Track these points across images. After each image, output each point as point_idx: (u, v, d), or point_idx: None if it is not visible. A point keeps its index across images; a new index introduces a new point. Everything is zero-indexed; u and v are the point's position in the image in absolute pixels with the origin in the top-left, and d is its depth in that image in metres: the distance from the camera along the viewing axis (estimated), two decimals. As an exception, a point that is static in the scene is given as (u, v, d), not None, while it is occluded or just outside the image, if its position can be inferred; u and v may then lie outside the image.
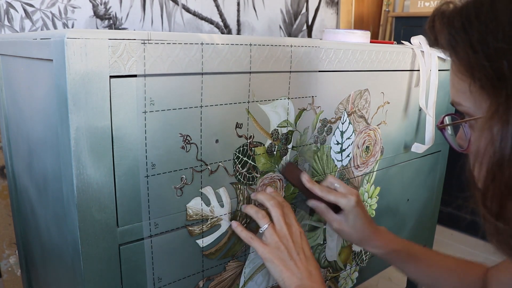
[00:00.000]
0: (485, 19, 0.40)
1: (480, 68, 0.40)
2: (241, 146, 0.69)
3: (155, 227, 0.62)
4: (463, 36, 0.42)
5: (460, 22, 0.42)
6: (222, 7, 1.56)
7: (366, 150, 0.94)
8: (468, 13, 0.42)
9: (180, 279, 0.68)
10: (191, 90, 0.60)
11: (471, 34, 0.41)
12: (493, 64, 0.39)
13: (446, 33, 0.44)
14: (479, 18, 0.41)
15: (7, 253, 1.18)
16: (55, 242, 0.68)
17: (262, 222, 0.68)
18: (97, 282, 0.58)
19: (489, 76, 0.40)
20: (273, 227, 0.68)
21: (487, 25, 0.40)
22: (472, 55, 0.41)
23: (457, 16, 0.43)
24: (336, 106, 0.83)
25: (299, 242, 0.68)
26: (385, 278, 1.57)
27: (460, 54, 0.42)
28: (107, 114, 0.53)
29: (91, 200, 0.54)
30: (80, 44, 0.49)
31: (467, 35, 0.41)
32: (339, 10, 2.02)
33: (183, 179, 0.63)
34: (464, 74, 0.43)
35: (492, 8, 0.40)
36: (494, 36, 0.39)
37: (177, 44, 0.57)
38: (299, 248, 0.67)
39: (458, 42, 0.42)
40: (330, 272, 0.95)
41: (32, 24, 1.15)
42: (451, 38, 0.43)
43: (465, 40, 0.41)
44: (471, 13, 0.41)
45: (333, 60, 0.79)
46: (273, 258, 0.65)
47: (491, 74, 0.40)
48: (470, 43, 0.41)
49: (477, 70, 0.41)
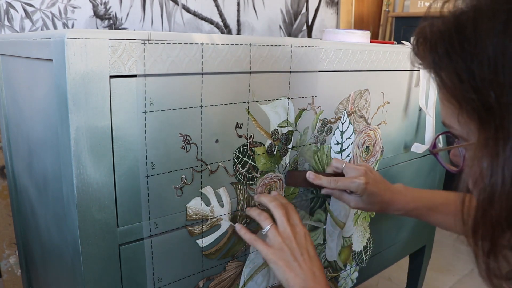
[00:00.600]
0: (469, 46, 0.37)
1: (466, 99, 0.38)
2: (241, 146, 0.69)
3: (155, 227, 0.62)
4: (447, 63, 0.39)
5: (443, 48, 0.40)
6: (222, 7, 1.56)
7: (366, 150, 0.94)
8: (451, 38, 0.39)
9: (180, 279, 0.68)
10: (191, 90, 0.60)
11: (456, 61, 0.38)
12: (480, 96, 0.37)
13: (430, 59, 0.42)
14: (462, 45, 0.38)
15: (7, 253, 1.18)
16: (55, 242, 0.68)
17: (265, 223, 0.68)
18: (97, 282, 0.58)
19: (477, 108, 0.38)
20: (276, 228, 0.68)
21: (471, 53, 0.37)
22: (458, 84, 0.39)
23: (440, 41, 0.40)
24: (336, 106, 0.83)
25: (303, 242, 0.68)
26: (385, 278, 1.57)
27: (446, 82, 0.40)
28: (107, 114, 0.53)
29: (91, 200, 0.54)
30: (80, 44, 0.49)
31: (451, 62, 0.39)
32: (339, 10, 2.02)
33: (183, 179, 0.63)
34: (451, 102, 0.41)
35: (476, 33, 0.37)
36: (480, 65, 0.37)
37: (177, 44, 0.57)
38: (303, 249, 0.67)
39: (443, 69, 0.40)
40: (330, 272, 0.95)
41: (32, 24, 1.15)
42: (436, 65, 0.41)
43: (450, 68, 0.39)
44: (454, 39, 0.39)
45: (333, 60, 0.79)
46: (277, 260, 0.65)
47: (479, 106, 0.37)
48: (455, 71, 0.39)
49: (464, 101, 0.39)
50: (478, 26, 0.37)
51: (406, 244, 1.18)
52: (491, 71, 0.36)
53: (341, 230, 0.94)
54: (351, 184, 0.76)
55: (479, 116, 0.38)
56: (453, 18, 0.40)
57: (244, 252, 0.76)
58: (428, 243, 1.28)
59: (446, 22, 0.40)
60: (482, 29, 0.37)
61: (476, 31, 0.37)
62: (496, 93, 0.36)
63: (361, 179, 0.76)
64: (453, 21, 0.39)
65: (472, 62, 0.37)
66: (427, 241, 1.27)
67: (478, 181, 0.38)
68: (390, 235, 1.11)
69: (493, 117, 0.37)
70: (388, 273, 1.57)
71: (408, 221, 1.15)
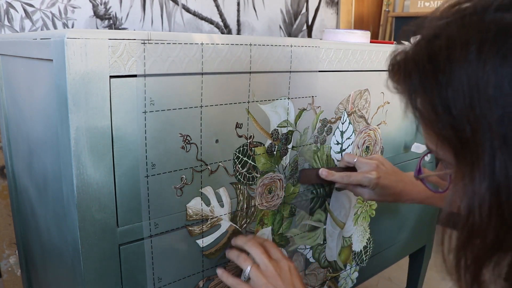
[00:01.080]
0: (442, 77, 0.36)
1: (442, 133, 0.37)
2: (241, 146, 0.69)
3: (155, 227, 0.62)
4: (422, 94, 0.38)
5: (417, 78, 0.38)
6: (222, 7, 1.56)
7: (366, 150, 0.94)
8: (424, 68, 0.38)
9: (180, 279, 0.68)
10: (191, 90, 0.60)
11: (430, 92, 0.37)
12: (455, 132, 0.36)
13: (406, 88, 0.40)
14: (436, 76, 0.37)
15: (7, 253, 1.18)
16: (55, 242, 0.68)
17: (245, 265, 0.66)
18: (97, 282, 0.58)
19: (452, 143, 0.37)
20: (258, 268, 0.65)
21: (445, 83, 0.36)
22: (433, 116, 0.37)
23: (414, 71, 0.39)
24: (336, 106, 0.83)
25: (289, 278, 0.64)
26: (385, 278, 1.57)
27: (422, 111, 0.39)
28: (107, 114, 0.53)
29: (91, 200, 0.54)
30: (80, 44, 0.49)
31: (426, 93, 0.38)
32: (339, 10, 2.02)
33: (183, 179, 0.63)
34: (429, 133, 0.40)
35: (449, 63, 0.36)
36: (454, 97, 0.35)
37: (177, 44, 0.57)
38: (289, 285, 0.64)
39: (418, 98, 0.39)
40: (330, 272, 0.95)
41: (32, 24, 1.15)
42: (411, 95, 0.40)
43: (425, 98, 0.38)
44: (427, 69, 0.37)
45: (333, 60, 0.78)
46: None
47: (455, 142, 0.36)
48: (431, 102, 0.37)
49: (440, 134, 0.38)
50: (451, 56, 0.36)
51: (406, 244, 1.18)
52: (466, 104, 0.35)
53: (341, 230, 0.94)
54: (363, 179, 0.78)
55: (455, 151, 0.37)
56: (426, 46, 0.39)
57: (244, 252, 0.76)
58: (428, 243, 1.28)
59: (418, 50, 0.39)
60: (455, 59, 0.35)
61: (448, 61, 0.36)
62: (472, 128, 0.35)
63: (373, 174, 0.77)
64: (426, 49, 0.38)
65: (447, 93, 0.36)
66: (427, 241, 1.27)
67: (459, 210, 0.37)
68: (390, 235, 1.11)
69: (469, 153, 0.36)
70: (388, 273, 1.57)
71: (408, 221, 1.15)
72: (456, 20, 0.37)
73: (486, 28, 0.34)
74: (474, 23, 0.35)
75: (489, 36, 0.34)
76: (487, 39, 0.34)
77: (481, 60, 0.34)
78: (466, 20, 0.36)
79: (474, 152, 0.35)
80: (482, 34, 0.34)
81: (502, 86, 0.33)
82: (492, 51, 0.34)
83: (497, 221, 0.35)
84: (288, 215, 0.81)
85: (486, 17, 0.35)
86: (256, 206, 0.74)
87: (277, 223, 0.79)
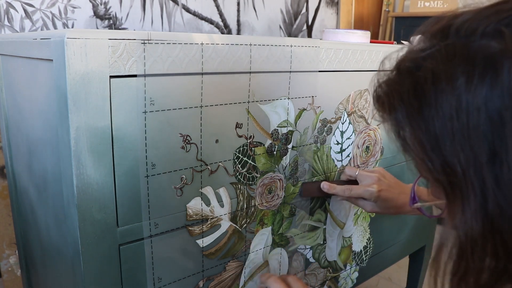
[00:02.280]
0: (429, 113, 0.34)
1: (432, 174, 0.35)
2: (241, 146, 0.69)
3: (155, 227, 0.62)
4: (409, 130, 0.36)
5: (403, 112, 0.36)
6: (222, 7, 1.56)
7: (366, 150, 0.94)
8: (410, 102, 0.36)
9: (180, 279, 0.68)
10: (191, 90, 0.60)
11: (418, 129, 0.35)
12: (446, 173, 0.34)
13: (392, 122, 0.38)
14: (422, 111, 0.34)
15: (7, 253, 1.18)
16: (55, 242, 0.68)
17: None
18: (97, 282, 0.58)
19: (443, 183, 0.35)
20: None
21: (432, 121, 0.34)
22: (422, 154, 0.35)
23: (399, 105, 0.37)
24: (336, 106, 0.83)
25: None
26: (385, 278, 1.57)
27: (411, 147, 0.37)
28: (107, 114, 0.53)
29: (91, 200, 0.54)
30: (80, 44, 0.49)
31: (413, 129, 0.36)
32: (339, 10, 2.02)
33: (183, 179, 0.63)
34: (419, 169, 0.38)
35: (436, 97, 0.33)
36: (443, 134, 0.33)
37: (177, 44, 0.57)
38: None
39: (406, 134, 0.37)
40: (330, 272, 0.95)
41: (32, 24, 1.15)
42: (398, 131, 0.38)
43: (413, 134, 0.36)
44: (413, 104, 0.35)
45: (333, 60, 0.79)
46: None
47: (445, 182, 0.35)
48: (419, 140, 0.35)
49: (430, 173, 0.36)
50: (437, 89, 0.34)
51: (406, 244, 1.18)
52: (456, 141, 0.33)
53: (341, 230, 0.94)
54: (365, 192, 0.78)
55: (446, 191, 0.36)
56: (410, 80, 0.36)
57: (244, 252, 0.76)
58: (428, 243, 1.28)
59: (402, 83, 0.37)
60: (441, 92, 0.33)
61: (435, 95, 0.34)
62: (463, 169, 0.33)
63: (374, 187, 0.77)
64: (410, 83, 0.36)
65: (435, 129, 0.34)
66: (427, 241, 1.27)
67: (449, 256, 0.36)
68: (390, 235, 1.11)
69: (460, 193, 0.34)
70: (388, 273, 1.57)
71: (408, 221, 1.15)
72: (440, 50, 0.35)
73: (473, 58, 0.32)
74: (459, 54, 0.33)
75: (477, 67, 0.32)
76: (474, 71, 0.32)
77: (470, 93, 0.32)
78: (450, 50, 0.34)
79: (465, 193, 0.34)
80: (469, 65, 0.32)
81: (493, 119, 0.31)
82: (481, 82, 0.32)
83: (491, 262, 0.34)
84: (288, 215, 0.81)
85: (472, 45, 0.33)
86: (256, 206, 0.74)
87: (277, 223, 0.79)
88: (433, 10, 1.98)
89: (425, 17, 0.38)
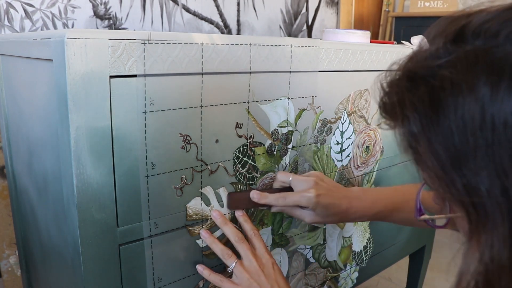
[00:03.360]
0: (448, 127, 0.31)
1: (451, 191, 0.32)
2: (241, 146, 0.69)
3: (155, 227, 0.62)
4: (423, 142, 0.33)
5: (418, 124, 0.33)
6: (222, 7, 1.56)
7: (366, 150, 0.94)
8: (426, 114, 0.32)
9: (180, 279, 0.68)
10: (191, 90, 0.60)
11: (434, 143, 0.32)
12: (466, 189, 0.31)
13: (404, 132, 0.35)
14: (440, 124, 0.31)
15: (7, 253, 1.18)
16: (55, 242, 0.68)
17: (229, 261, 0.65)
18: (97, 282, 0.58)
19: (463, 204, 0.32)
20: (242, 264, 0.65)
21: (452, 135, 0.30)
22: (439, 171, 0.32)
23: (413, 116, 0.33)
24: (336, 106, 0.83)
25: (272, 274, 0.64)
26: (385, 278, 1.57)
27: (426, 162, 0.34)
28: (107, 114, 0.53)
29: (91, 200, 0.54)
30: (80, 44, 0.49)
31: (429, 142, 0.32)
32: (339, 10, 2.02)
33: (183, 179, 0.63)
34: (433, 185, 0.34)
35: (456, 109, 0.30)
36: (463, 152, 0.30)
37: (177, 44, 0.57)
38: (273, 281, 0.64)
39: (419, 147, 0.33)
40: (330, 272, 0.95)
41: (32, 24, 1.15)
42: (411, 143, 0.34)
43: (429, 149, 0.32)
44: (428, 114, 0.32)
45: (333, 60, 0.79)
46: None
47: (465, 200, 0.31)
48: (436, 155, 0.32)
49: (447, 191, 0.33)
50: (457, 101, 0.30)
51: (406, 244, 1.18)
52: (478, 159, 0.29)
53: (341, 230, 0.94)
54: (301, 198, 0.68)
55: (467, 212, 0.32)
56: (425, 89, 0.33)
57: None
58: (428, 243, 1.28)
59: (416, 91, 0.33)
60: (463, 104, 0.30)
61: (454, 107, 0.31)
62: (486, 186, 0.29)
63: (311, 192, 0.68)
64: (426, 92, 0.33)
65: (454, 143, 0.30)
66: (427, 241, 1.27)
67: None
68: (390, 235, 1.11)
69: (484, 214, 0.31)
70: (388, 273, 1.57)
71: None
72: (459, 57, 0.31)
73: (498, 66, 0.29)
74: (482, 61, 0.30)
75: (504, 76, 0.29)
76: (500, 80, 0.29)
77: (495, 104, 0.29)
78: (471, 57, 0.31)
79: (491, 215, 0.30)
80: (494, 74, 0.29)
81: None
82: (508, 93, 0.29)
83: None
84: (288, 215, 0.81)
85: (495, 51, 0.30)
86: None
87: (277, 223, 0.79)
88: (433, 10, 1.98)
89: (425, 17, 0.36)
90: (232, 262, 0.65)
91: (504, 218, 0.30)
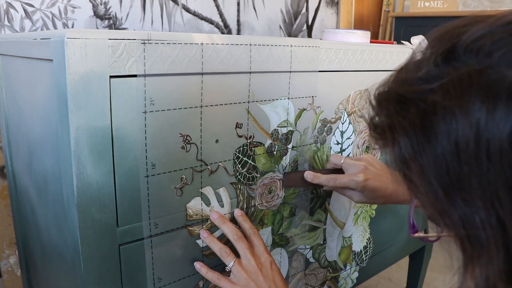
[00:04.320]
0: (441, 153, 0.29)
1: (444, 221, 0.31)
2: (241, 146, 0.69)
3: (155, 227, 0.62)
4: (415, 168, 0.31)
5: (409, 149, 0.31)
6: (222, 7, 1.56)
7: (366, 150, 0.94)
8: (417, 140, 0.31)
9: (180, 279, 0.68)
10: (191, 90, 0.60)
11: (426, 169, 0.30)
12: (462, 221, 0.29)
13: (394, 157, 0.34)
14: (432, 150, 0.30)
15: (7, 253, 1.18)
16: (55, 242, 0.68)
17: (228, 259, 0.65)
18: (97, 282, 0.58)
19: (456, 234, 0.30)
20: (240, 263, 0.65)
21: (445, 163, 0.29)
22: (433, 199, 0.31)
23: (404, 140, 0.32)
24: (336, 106, 0.83)
25: (270, 274, 0.65)
26: (385, 278, 1.57)
27: (419, 189, 0.32)
28: (107, 114, 0.53)
29: (91, 200, 0.54)
30: (80, 44, 0.49)
31: (421, 168, 0.31)
32: (339, 10, 2.02)
33: (183, 179, 0.63)
34: (427, 209, 0.33)
35: (449, 133, 0.29)
36: (458, 180, 0.29)
37: (177, 44, 0.57)
38: (270, 281, 0.64)
39: (411, 170, 0.32)
40: (330, 272, 0.95)
41: (32, 24, 1.15)
42: (403, 169, 0.33)
43: (419, 173, 0.31)
44: (419, 139, 0.30)
45: (333, 60, 0.79)
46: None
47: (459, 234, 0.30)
48: (428, 183, 0.30)
49: (441, 220, 0.31)
50: (450, 128, 0.29)
51: (406, 244, 1.18)
52: (474, 188, 0.28)
53: (341, 230, 0.94)
54: (350, 182, 0.73)
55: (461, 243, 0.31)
56: (416, 113, 0.31)
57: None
58: (428, 243, 1.28)
59: (406, 112, 0.32)
60: (456, 130, 0.29)
61: (448, 134, 0.29)
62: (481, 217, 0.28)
63: (359, 177, 0.72)
64: (417, 117, 0.31)
65: (448, 171, 0.29)
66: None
67: None
68: (390, 235, 1.11)
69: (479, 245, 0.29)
70: (388, 273, 1.57)
71: (408, 221, 1.15)
72: (452, 81, 0.30)
73: (493, 90, 0.28)
74: (475, 84, 0.28)
75: (500, 100, 0.27)
76: (496, 105, 0.27)
77: (490, 130, 0.28)
78: (465, 81, 0.29)
79: (486, 247, 0.29)
80: (490, 98, 0.28)
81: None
82: (505, 118, 0.27)
83: None
84: (288, 215, 0.81)
85: (489, 73, 0.28)
86: (256, 206, 0.74)
87: (277, 223, 0.79)
88: (433, 10, 1.98)
89: (425, 17, 0.35)
90: (230, 261, 0.65)
91: (499, 251, 0.29)
